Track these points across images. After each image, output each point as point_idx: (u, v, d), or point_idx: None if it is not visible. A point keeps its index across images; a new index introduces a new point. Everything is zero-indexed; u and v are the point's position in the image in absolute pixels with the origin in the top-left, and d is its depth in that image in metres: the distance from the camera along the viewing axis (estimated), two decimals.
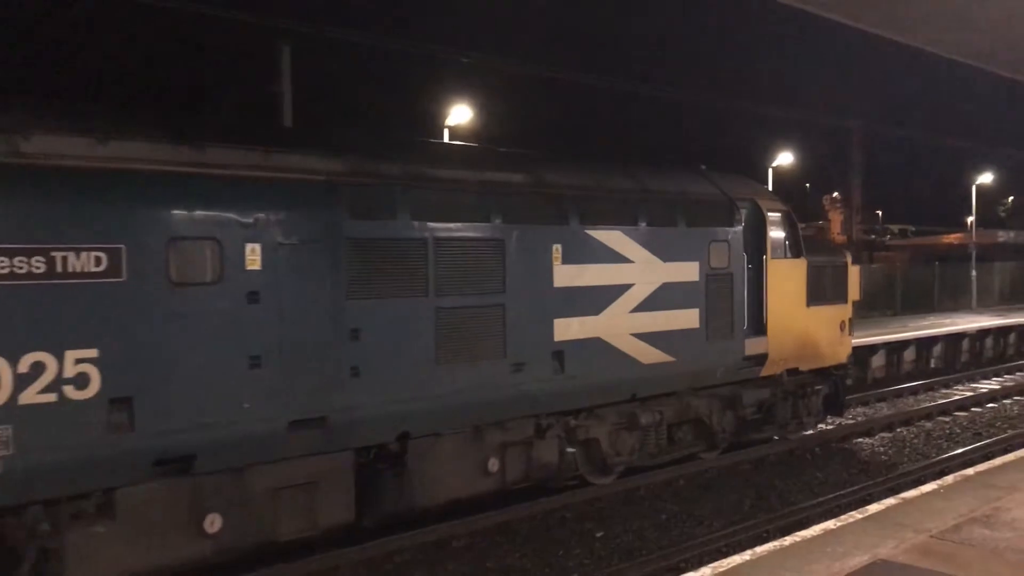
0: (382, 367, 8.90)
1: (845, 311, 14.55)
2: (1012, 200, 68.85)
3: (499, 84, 26.24)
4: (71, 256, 7.03)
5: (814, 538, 7.63)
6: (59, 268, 6.98)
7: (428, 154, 10.41)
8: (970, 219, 38.66)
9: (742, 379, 12.85)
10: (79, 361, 7.07)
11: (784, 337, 13.26)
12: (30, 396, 6.83)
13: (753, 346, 12.88)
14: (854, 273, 14.93)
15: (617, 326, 11.14)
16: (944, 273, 35.75)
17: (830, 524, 8.11)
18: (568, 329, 10.60)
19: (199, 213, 7.78)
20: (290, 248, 8.29)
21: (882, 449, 14.64)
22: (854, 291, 14.88)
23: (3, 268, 6.71)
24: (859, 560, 7.01)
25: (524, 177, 10.55)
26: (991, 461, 10.74)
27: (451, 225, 9.50)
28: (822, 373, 14.25)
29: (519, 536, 10.31)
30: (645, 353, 11.47)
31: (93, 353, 7.13)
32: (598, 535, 10.38)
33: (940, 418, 17.14)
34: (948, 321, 27.68)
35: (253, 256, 8.07)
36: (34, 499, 6.99)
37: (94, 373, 7.14)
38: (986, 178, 39.12)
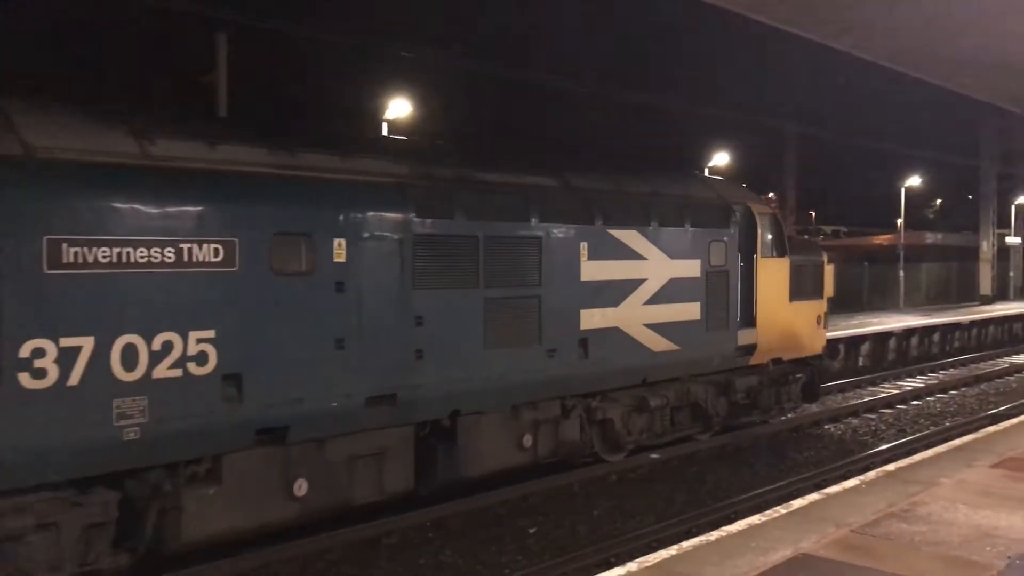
0: (441, 351, 9.96)
1: (821, 306, 15.86)
2: (940, 203, 70.88)
3: (439, 79, 26.11)
4: (195, 248, 8.01)
5: (739, 533, 7.74)
6: (186, 258, 7.94)
7: (476, 159, 11.41)
8: (899, 220, 39.68)
9: (734, 367, 14.08)
10: (200, 341, 8.02)
11: (771, 329, 14.48)
12: (161, 371, 7.78)
13: (744, 337, 14.09)
14: (829, 271, 16.13)
15: (632, 317, 12.29)
16: (873, 273, 36.65)
17: (755, 519, 8.25)
18: (592, 319, 11.73)
19: (296, 211, 8.78)
20: (368, 243, 9.33)
21: (809, 445, 14.97)
22: (829, 288, 16.11)
23: (141, 257, 7.66)
24: (782, 554, 7.14)
25: (556, 181, 11.74)
26: (911, 457, 11.03)
27: (497, 224, 10.60)
28: (801, 362, 15.49)
29: (452, 533, 10.32)
30: (655, 342, 12.63)
31: (211, 334, 8.09)
32: (531, 531, 10.44)
33: (866, 415, 17.59)
34: (876, 320, 28.38)
35: (339, 250, 9.09)
36: (160, 462, 7.91)
37: (212, 352, 8.09)
38: (914, 181, 40.18)
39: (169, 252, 7.84)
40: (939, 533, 7.71)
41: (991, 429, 12.83)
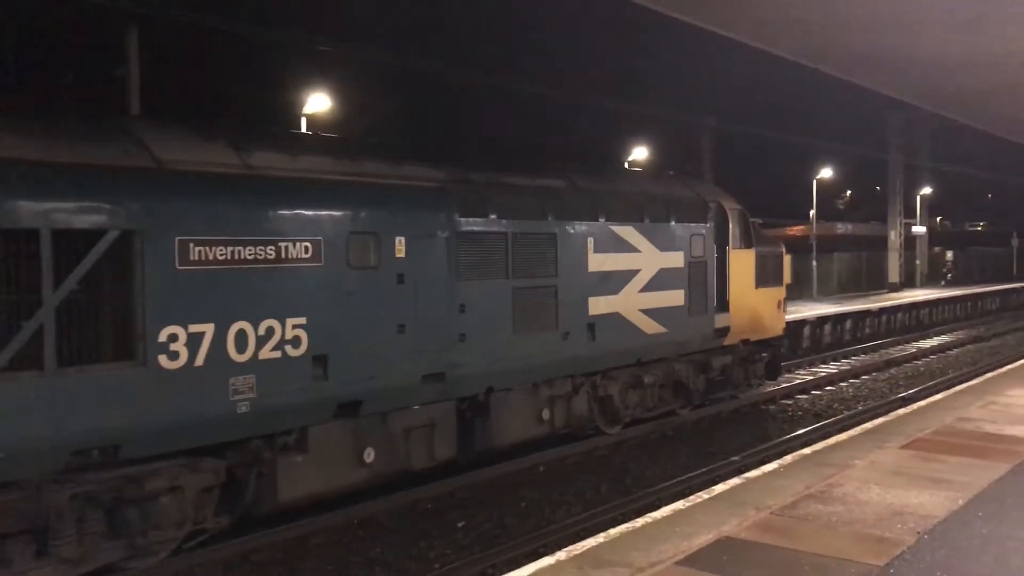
0: (479, 335, 11.22)
1: (781, 292, 17.71)
2: (850, 194, 73.15)
3: (360, 74, 25.88)
4: (290, 246, 9.15)
5: (664, 519, 7.92)
6: (283, 255, 9.07)
7: (501, 164, 12.71)
8: (812, 212, 40.82)
9: (711, 347, 15.63)
10: (295, 326, 9.16)
11: (741, 313, 16.13)
12: (265, 352, 8.89)
13: (720, 320, 15.65)
14: (787, 261, 18.06)
15: (629, 303, 13.69)
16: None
17: (679, 505, 8.44)
18: (598, 305, 13.07)
19: (365, 213, 9.92)
20: (421, 240, 10.51)
21: (730, 432, 15.35)
22: (787, 276, 18.07)
23: (249, 255, 8.77)
24: (706, 538, 7.34)
25: (565, 182, 13.05)
26: (827, 440, 11.40)
27: (521, 222, 11.88)
28: (764, 343, 17.16)
29: (381, 529, 10.29)
30: (648, 325, 14.03)
31: (303, 320, 9.22)
32: (460, 524, 10.47)
33: (783, 401, 18.10)
34: (791, 309, 29.17)
35: (400, 246, 10.26)
36: (262, 433, 9.03)
37: (304, 336, 9.24)
38: (826, 173, 41.36)
39: (270, 250, 9.00)
40: (854, 513, 8.01)
41: (901, 412, 13.34)
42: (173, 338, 8.20)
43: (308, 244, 9.32)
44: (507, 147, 28.40)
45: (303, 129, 18.98)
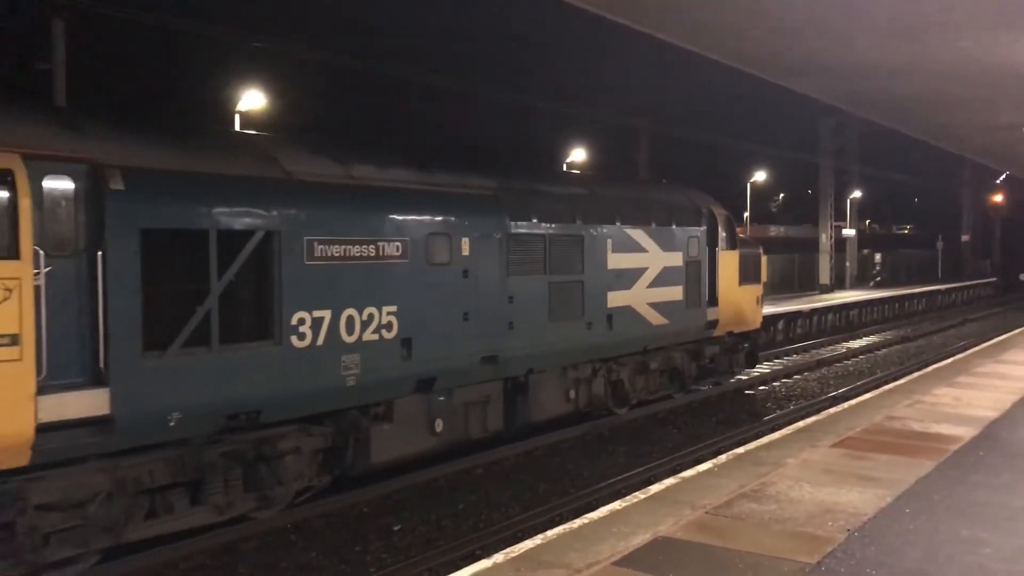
0: (524, 323, 12.86)
1: (759, 289, 19.53)
2: (783, 197, 74.60)
3: (295, 71, 25.52)
4: (385, 245, 10.72)
5: (601, 519, 7.93)
6: (381, 253, 10.65)
7: (539, 174, 14.92)
8: (745, 214, 41.48)
9: (703, 338, 17.38)
10: (388, 313, 10.71)
11: (727, 307, 17.85)
12: (367, 335, 10.45)
13: (710, 314, 17.45)
14: (764, 261, 19.87)
15: (639, 297, 15.35)
16: None
17: (616, 505, 8.46)
18: (615, 299, 14.74)
19: (440, 217, 11.57)
20: (481, 240, 12.14)
21: (665, 432, 15.49)
22: (764, 275, 19.90)
23: (356, 252, 10.33)
24: (642, 538, 7.36)
25: (587, 190, 14.78)
26: (760, 440, 11.55)
27: (555, 225, 13.54)
28: (745, 335, 19.02)
29: (315, 534, 10.13)
30: (653, 317, 15.73)
31: (394, 308, 10.79)
32: (396, 528, 10.37)
33: (718, 402, 18.29)
34: None
35: (465, 246, 11.87)
36: (362, 404, 10.60)
37: (395, 321, 10.81)
38: (760, 176, 42.11)
39: (371, 248, 10.55)
40: (786, 511, 8.12)
41: (832, 411, 13.60)
42: (301, 322, 9.76)
43: (399, 244, 10.95)
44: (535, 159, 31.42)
45: (236, 126, 18.67)
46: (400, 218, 10.99)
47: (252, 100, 19.40)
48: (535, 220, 13.13)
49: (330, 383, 10.09)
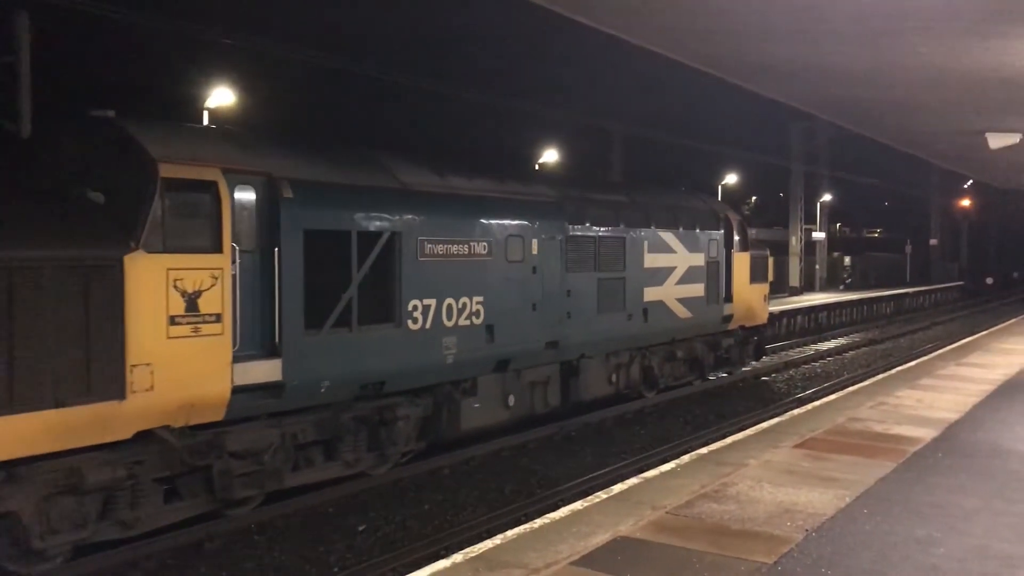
0: (578, 314, 14.67)
1: (766, 288, 21.70)
2: (755, 200, 75.12)
3: (264, 68, 25.34)
4: (475, 244, 12.61)
5: (562, 519, 7.96)
6: (472, 251, 12.53)
7: (589, 184, 17.09)
8: None
9: (720, 331, 19.39)
10: (477, 303, 12.53)
11: (740, 304, 19.88)
12: (461, 320, 12.29)
13: (726, 309, 19.38)
14: (771, 262, 22.02)
15: (669, 293, 17.24)
16: None
17: (578, 505, 8.50)
18: (649, 294, 16.56)
19: (515, 221, 13.47)
20: (546, 241, 14.01)
21: (632, 433, 15.56)
22: (770, 274, 21.95)
23: (454, 251, 12.22)
24: (602, 538, 7.40)
25: (627, 198, 16.74)
26: (724, 440, 11.64)
27: (603, 228, 15.45)
28: (753, 329, 21.01)
29: (279, 534, 10.09)
30: (680, 311, 17.62)
31: (481, 299, 12.62)
32: (360, 528, 10.35)
33: (685, 403, 18.39)
34: None
35: (535, 246, 13.75)
36: (456, 379, 12.44)
37: (482, 310, 12.62)
38: (731, 179, 42.40)
39: (465, 247, 12.41)
40: (746, 511, 8.19)
41: (796, 412, 13.73)
42: (415, 308, 11.61)
43: (486, 243, 12.82)
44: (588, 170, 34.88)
45: (205, 121, 18.55)
46: (486, 221, 12.92)
47: (221, 97, 19.29)
48: (588, 224, 15.05)
49: (435, 360, 12.00)
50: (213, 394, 9.20)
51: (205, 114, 18.80)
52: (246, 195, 9.77)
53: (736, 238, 19.80)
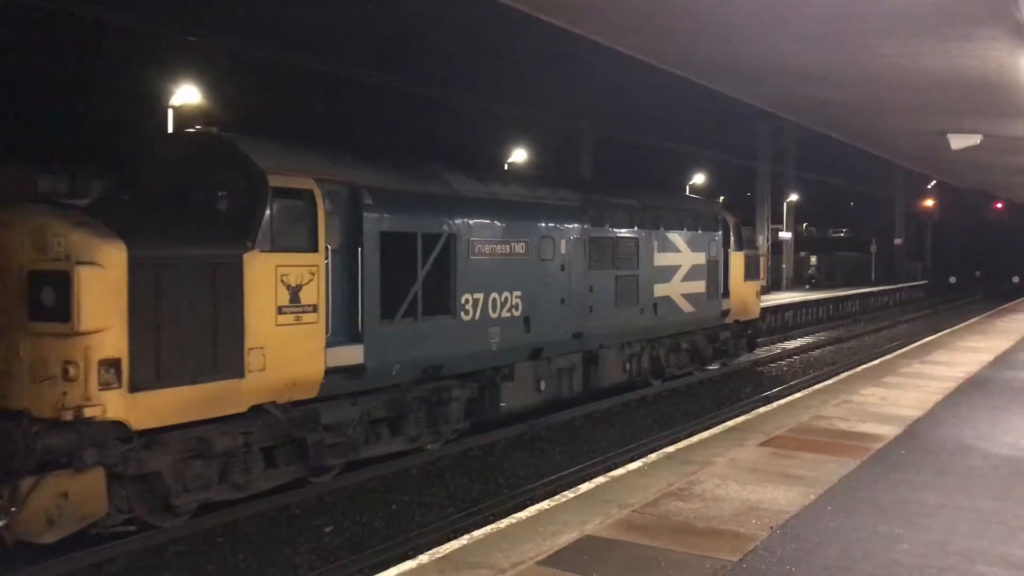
0: (599, 307, 16.07)
1: (759, 285, 23.57)
2: (722, 200, 75.67)
3: (230, 67, 25.09)
4: (515, 245, 14.01)
5: (528, 519, 7.93)
6: (512, 250, 13.94)
7: (607, 189, 18.05)
8: None
9: (718, 324, 20.94)
10: (516, 297, 13.93)
11: (736, 299, 21.36)
12: (503, 313, 13.67)
13: (724, 304, 20.91)
14: (763, 261, 24.25)
15: (675, 289, 18.66)
16: None
17: (544, 504, 8.48)
18: (659, 290, 18.05)
19: (547, 223, 14.84)
20: (572, 241, 15.34)
21: (601, 432, 15.60)
22: (763, 272, 24.14)
23: (498, 250, 13.65)
24: (568, 537, 7.40)
25: (638, 201, 18.03)
26: (690, 438, 11.68)
27: (620, 230, 16.88)
28: (747, 323, 22.56)
29: (244, 537, 10.00)
30: (684, 306, 19.08)
31: (520, 294, 14.02)
32: (327, 530, 10.29)
33: (653, 402, 18.46)
34: None
35: (563, 246, 15.11)
36: (498, 365, 13.89)
37: (520, 303, 14.03)
38: (699, 179, 42.66)
39: (506, 247, 13.80)
40: (711, 509, 8.23)
41: (762, 410, 13.81)
42: (467, 301, 13.01)
43: (523, 243, 14.18)
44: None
45: (170, 121, 18.37)
46: (523, 224, 14.28)
47: (186, 95, 19.09)
48: (607, 226, 16.46)
49: (482, 348, 13.39)
50: (310, 374, 10.63)
51: (170, 112, 18.58)
52: (334, 201, 11.13)
53: (732, 238, 21.33)
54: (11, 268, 8.80)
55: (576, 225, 15.51)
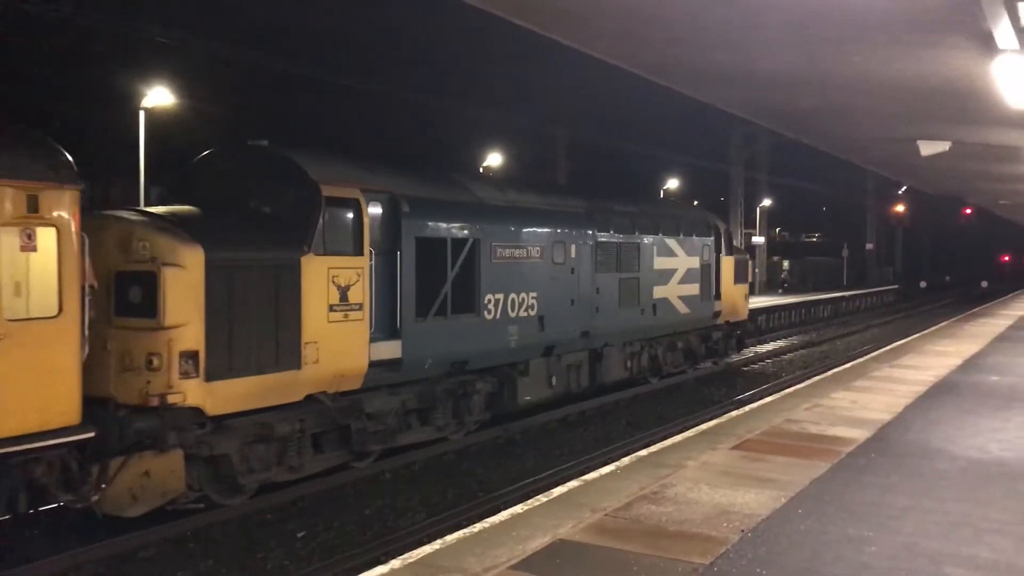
0: (605, 308, 17.26)
1: (746, 288, 24.86)
2: (696, 204, 76.11)
3: (204, 68, 24.90)
4: (531, 249, 15.14)
5: (502, 523, 7.93)
6: (528, 254, 15.06)
7: (611, 196, 19.19)
8: None
9: (711, 325, 22.23)
10: (532, 298, 15.02)
11: (726, 302, 22.71)
12: (521, 312, 14.80)
13: (716, 306, 22.19)
14: (750, 265, 25.38)
15: (672, 291, 19.87)
16: None
17: (518, 509, 8.47)
18: (657, 292, 19.23)
19: (558, 229, 16.01)
20: (581, 246, 16.53)
21: (575, 436, 15.63)
22: (751, 276, 25.46)
23: (516, 253, 14.79)
24: (541, 541, 7.40)
25: (638, 208, 19.38)
26: (663, 442, 11.72)
27: (623, 235, 18.05)
28: (736, 324, 23.83)
29: (216, 542, 9.94)
30: (681, 307, 20.31)
31: (535, 295, 15.13)
32: (300, 535, 10.24)
33: (627, 406, 18.52)
34: None
35: (572, 250, 16.23)
36: (515, 361, 14.93)
37: (535, 304, 15.12)
38: (672, 184, 42.88)
39: (523, 251, 14.93)
40: (683, 512, 8.26)
41: (734, 413, 13.89)
42: (489, 301, 14.11)
43: (538, 248, 15.32)
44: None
45: (141, 122, 18.22)
46: (538, 230, 15.43)
47: (158, 97, 18.93)
48: (611, 231, 17.58)
49: (502, 345, 14.50)
50: (356, 367, 11.74)
51: (141, 114, 18.42)
52: (376, 209, 12.23)
53: (723, 243, 22.67)
54: (98, 270, 9.31)
55: (584, 231, 16.70)
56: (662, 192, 41.53)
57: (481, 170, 34.52)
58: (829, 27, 10.90)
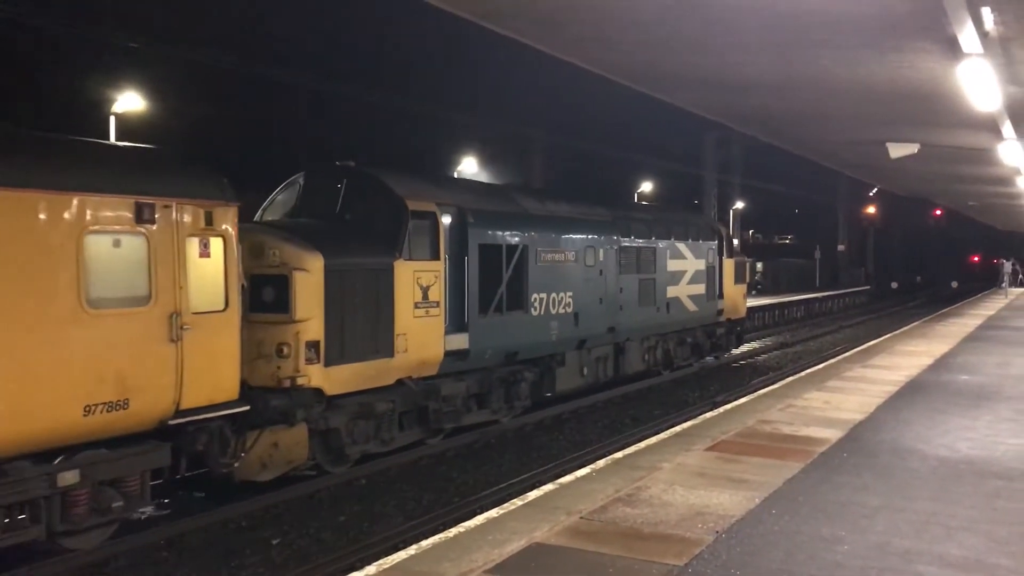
0: (627, 306, 19.11)
1: (744, 288, 26.88)
2: None
3: (175, 74, 24.72)
4: (568, 253, 16.92)
5: (477, 527, 7.92)
6: (565, 258, 16.84)
7: (630, 204, 22.56)
8: None
9: (714, 322, 24.19)
10: (568, 296, 16.79)
11: (728, 301, 24.62)
12: (560, 309, 16.60)
13: (719, 304, 24.17)
14: (749, 266, 27.54)
15: (683, 291, 21.82)
16: None
17: (493, 513, 8.48)
18: (670, 292, 21.15)
19: (589, 235, 17.72)
20: (607, 250, 18.31)
21: (551, 439, 15.65)
22: (749, 276, 27.71)
23: (556, 257, 16.58)
24: (516, 545, 7.41)
25: (654, 216, 21.50)
26: (638, 444, 11.76)
27: (641, 240, 19.92)
28: (735, 322, 25.71)
29: (189, 550, 9.85)
30: (689, 305, 22.27)
31: (572, 294, 16.91)
32: (275, 542, 10.17)
33: (602, 409, 18.57)
34: None
35: (601, 254, 18.01)
36: (554, 352, 16.78)
37: (571, 302, 16.91)
38: (647, 187, 43.05)
39: (560, 255, 16.62)
40: (659, 514, 8.30)
41: (708, 415, 13.96)
42: (535, 299, 15.82)
43: (573, 252, 17.08)
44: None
45: (112, 126, 18.07)
46: (574, 236, 17.12)
47: (129, 102, 18.77)
48: (632, 237, 19.43)
49: (545, 338, 16.19)
50: (434, 356, 13.58)
51: (112, 120, 18.26)
52: (448, 220, 13.98)
53: (725, 247, 24.59)
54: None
55: (610, 236, 18.52)
56: (636, 196, 41.67)
57: (455, 174, 34.48)
58: (801, 31, 11.01)
